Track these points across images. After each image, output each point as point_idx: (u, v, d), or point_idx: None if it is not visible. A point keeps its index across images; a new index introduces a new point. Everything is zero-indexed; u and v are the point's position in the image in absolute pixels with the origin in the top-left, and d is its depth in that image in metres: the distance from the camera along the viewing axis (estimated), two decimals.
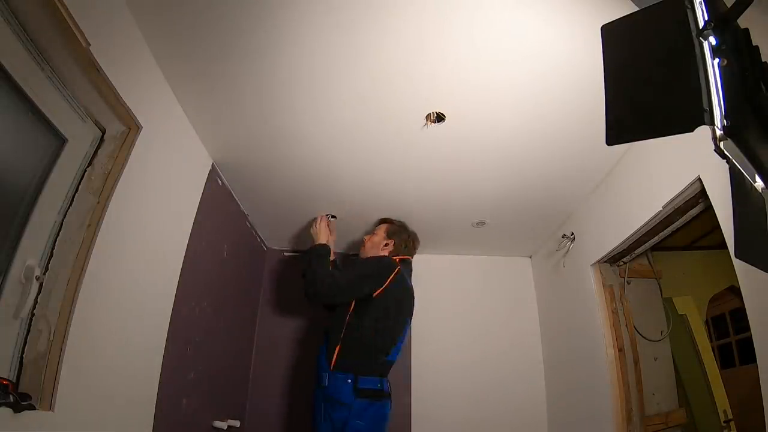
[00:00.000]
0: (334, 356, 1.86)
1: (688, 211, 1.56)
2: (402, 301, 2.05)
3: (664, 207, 1.57)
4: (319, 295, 1.92)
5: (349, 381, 1.82)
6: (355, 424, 1.76)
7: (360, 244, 2.40)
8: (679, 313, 2.70)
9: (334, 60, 1.35)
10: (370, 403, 1.82)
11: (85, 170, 1.21)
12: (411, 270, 2.24)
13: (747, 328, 1.21)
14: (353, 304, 1.96)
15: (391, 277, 1.98)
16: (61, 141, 1.16)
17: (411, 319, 2.15)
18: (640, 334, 2.15)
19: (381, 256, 2.13)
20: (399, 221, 2.34)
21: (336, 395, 1.81)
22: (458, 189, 2.10)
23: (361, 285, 1.95)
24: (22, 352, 1.00)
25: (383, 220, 2.35)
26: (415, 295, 2.21)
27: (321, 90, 1.47)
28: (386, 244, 2.20)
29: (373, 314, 1.92)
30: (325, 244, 2.14)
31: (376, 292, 1.94)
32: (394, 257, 2.14)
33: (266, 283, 2.77)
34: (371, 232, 2.35)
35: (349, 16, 1.21)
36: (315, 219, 2.29)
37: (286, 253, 2.87)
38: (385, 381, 1.94)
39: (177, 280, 1.59)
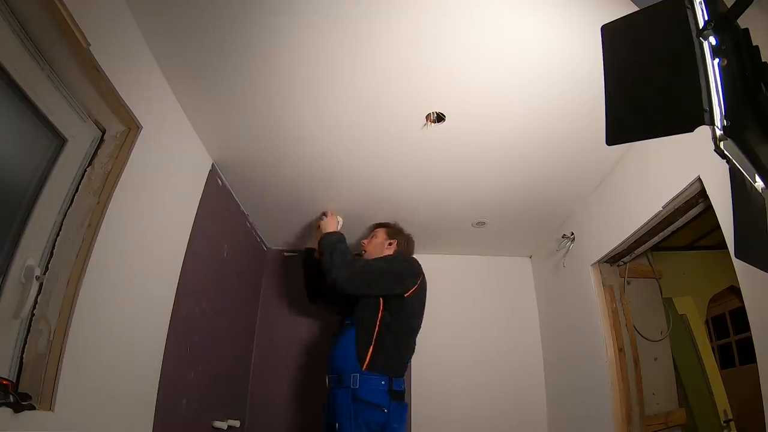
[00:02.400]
0: (368, 356, 1.77)
1: (688, 211, 1.56)
2: (424, 303, 2.03)
3: (664, 207, 1.57)
4: (343, 283, 1.85)
5: (383, 383, 1.74)
6: (392, 427, 1.70)
7: (358, 247, 2.39)
8: (679, 313, 2.70)
9: (334, 60, 1.35)
10: (400, 405, 1.78)
11: (85, 170, 1.21)
12: None
13: (747, 328, 1.21)
14: (382, 302, 1.88)
15: (422, 278, 1.97)
16: (61, 141, 1.16)
17: None
18: (640, 334, 2.15)
19: (408, 259, 2.08)
20: (395, 223, 2.32)
21: (369, 397, 1.71)
22: (458, 189, 2.10)
23: (392, 281, 1.90)
24: (22, 352, 1.00)
25: (379, 225, 2.33)
26: None
27: (321, 90, 1.47)
28: (390, 244, 2.18)
29: (406, 314, 1.88)
30: (337, 232, 2.10)
31: (409, 292, 1.89)
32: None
33: (266, 283, 2.77)
34: (368, 236, 2.31)
35: (349, 16, 1.21)
36: (323, 213, 2.26)
37: (286, 253, 2.86)
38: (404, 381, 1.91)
39: (177, 280, 1.59)
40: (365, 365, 1.76)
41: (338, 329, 2.04)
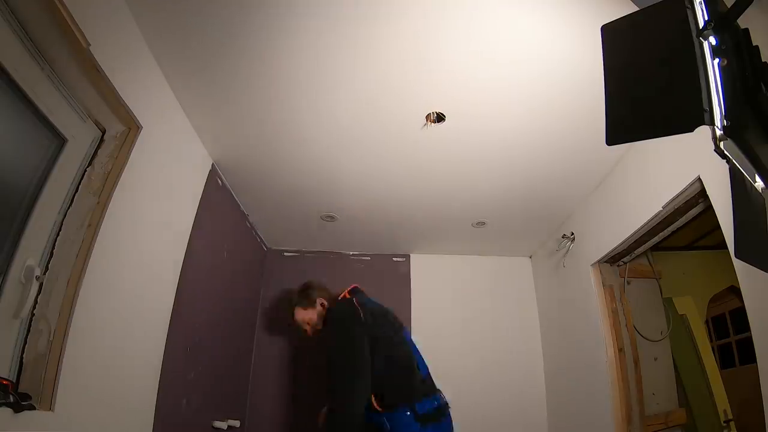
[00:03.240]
0: (376, 401, 1.70)
1: (688, 211, 1.56)
2: (384, 324, 1.87)
3: (664, 207, 1.57)
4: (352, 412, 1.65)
5: (409, 413, 1.68)
6: None
7: None
8: (679, 313, 2.70)
9: (334, 60, 1.35)
10: (437, 424, 1.72)
11: (85, 170, 1.21)
12: (361, 290, 2.04)
13: (747, 328, 1.21)
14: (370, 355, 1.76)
15: (357, 322, 1.78)
16: (61, 141, 1.16)
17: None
18: (640, 334, 2.15)
19: (334, 319, 1.89)
20: (301, 288, 2.12)
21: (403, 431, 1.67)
22: (458, 189, 2.10)
23: (361, 366, 1.69)
24: (22, 352, 1.00)
25: (291, 303, 2.11)
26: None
27: (321, 90, 1.47)
28: (321, 304, 2.03)
29: (378, 352, 1.75)
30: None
31: (366, 338, 1.75)
32: (340, 299, 1.96)
33: (266, 283, 2.77)
34: (302, 322, 2.07)
35: (348, 18, 1.21)
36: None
37: (286, 253, 2.87)
38: (438, 395, 1.82)
39: (177, 280, 1.59)
40: (381, 408, 1.70)
41: None
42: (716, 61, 0.59)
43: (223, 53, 1.33)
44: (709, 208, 1.41)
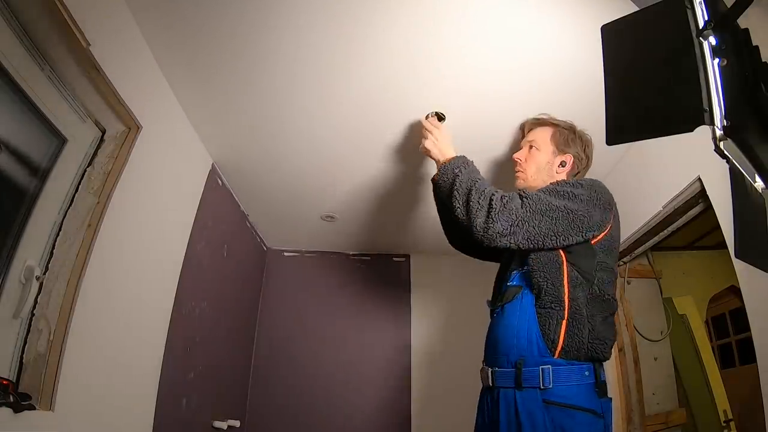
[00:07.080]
0: (561, 335, 1.11)
1: (688, 211, 1.56)
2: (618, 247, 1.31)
3: (664, 207, 1.57)
4: (496, 239, 1.14)
5: (588, 374, 1.12)
6: None
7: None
8: (679, 313, 2.70)
9: (334, 60, 1.35)
10: (609, 403, 1.17)
11: (85, 170, 1.21)
12: None
13: (747, 328, 1.21)
14: (564, 254, 1.17)
15: (614, 210, 1.29)
16: (61, 141, 1.16)
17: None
18: (640, 334, 2.15)
19: (591, 180, 1.33)
20: (564, 121, 1.44)
21: (572, 398, 1.11)
22: None
23: (573, 225, 1.16)
24: (22, 352, 1.00)
25: (539, 122, 1.44)
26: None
27: (321, 90, 1.47)
28: (562, 164, 1.38)
29: (598, 269, 1.18)
30: (461, 156, 1.33)
31: (597, 237, 1.20)
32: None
33: (266, 283, 2.77)
34: (520, 143, 1.50)
35: (349, 16, 1.21)
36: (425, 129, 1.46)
37: (286, 253, 2.87)
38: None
39: (177, 280, 1.59)
40: (558, 349, 1.11)
41: (498, 292, 1.39)
42: (716, 61, 0.59)
43: (223, 53, 1.33)
44: (709, 208, 1.41)
